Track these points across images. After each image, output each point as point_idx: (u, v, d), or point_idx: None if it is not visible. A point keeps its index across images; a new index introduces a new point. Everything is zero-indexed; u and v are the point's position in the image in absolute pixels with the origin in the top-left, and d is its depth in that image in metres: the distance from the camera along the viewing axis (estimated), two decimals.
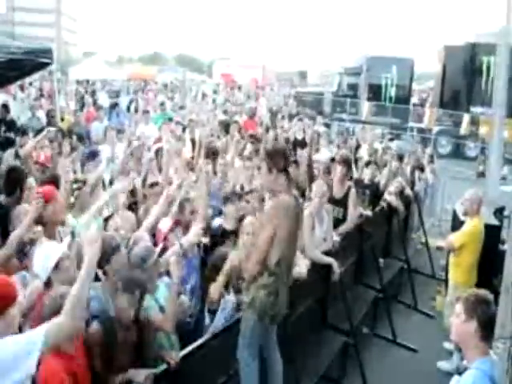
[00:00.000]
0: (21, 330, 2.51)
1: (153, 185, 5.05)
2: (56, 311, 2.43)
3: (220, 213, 4.88)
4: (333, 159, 6.87)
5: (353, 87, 21.16)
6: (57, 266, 2.98)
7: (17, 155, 6.16)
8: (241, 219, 4.42)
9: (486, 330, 2.54)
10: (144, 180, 5.50)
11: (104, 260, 3.24)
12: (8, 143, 7.72)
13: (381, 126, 17.33)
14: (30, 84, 17.27)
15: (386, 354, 5.54)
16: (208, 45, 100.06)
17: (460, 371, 2.61)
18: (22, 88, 15.71)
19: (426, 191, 9.29)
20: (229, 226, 4.66)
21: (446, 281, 6.04)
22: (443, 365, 5.21)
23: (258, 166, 5.54)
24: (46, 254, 3.03)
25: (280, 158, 3.41)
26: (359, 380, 4.80)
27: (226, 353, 3.40)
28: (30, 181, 4.67)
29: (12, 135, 8.45)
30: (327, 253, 4.85)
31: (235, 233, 4.46)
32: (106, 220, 4.18)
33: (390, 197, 7.03)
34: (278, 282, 3.35)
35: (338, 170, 5.72)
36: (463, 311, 2.56)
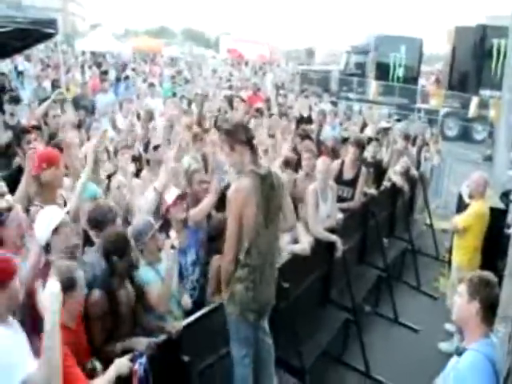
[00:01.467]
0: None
1: (156, 147, 5.05)
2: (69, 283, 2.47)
3: None
4: (344, 140, 6.83)
5: (360, 66, 20.81)
6: (56, 231, 2.97)
7: (7, 125, 6.09)
8: None
9: (488, 311, 2.51)
10: (147, 144, 5.47)
11: (99, 227, 3.35)
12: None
13: (388, 106, 17.16)
14: (41, 60, 17.02)
15: (388, 332, 5.57)
16: (215, 20, 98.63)
17: (459, 352, 2.57)
18: (28, 58, 15.58)
19: (431, 172, 9.22)
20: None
21: (449, 263, 6.04)
22: (444, 346, 5.23)
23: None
24: (47, 219, 3.00)
25: (241, 132, 3.19)
26: (360, 357, 4.83)
27: (226, 324, 3.37)
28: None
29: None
30: (331, 230, 4.85)
31: None
32: (109, 177, 4.19)
33: (395, 177, 6.99)
34: (255, 273, 3.13)
35: (351, 151, 5.69)
36: (466, 292, 2.54)
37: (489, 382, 2.41)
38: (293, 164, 5.50)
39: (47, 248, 2.94)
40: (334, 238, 4.81)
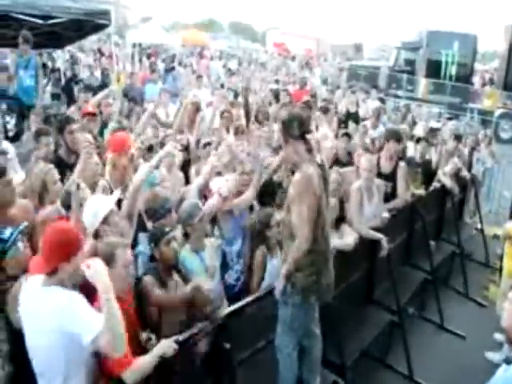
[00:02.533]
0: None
1: (205, 145, 5.08)
2: (107, 259, 2.55)
3: None
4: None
5: (410, 63, 20.22)
6: (105, 221, 3.03)
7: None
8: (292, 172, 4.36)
9: None
10: (198, 141, 5.54)
11: (155, 217, 3.41)
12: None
13: (438, 105, 16.59)
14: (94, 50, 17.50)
15: (433, 337, 5.38)
16: (262, 14, 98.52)
17: (509, 361, 2.44)
18: (81, 49, 16.09)
19: (484, 175, 8.85)
20: (277, 177, 4.60)
21: (500, 270, 5.77)
22: (492, 355, 4.99)
23: None
24: (95, 207, 3.08)
25: (295, 125, 3.16)
26: (403, 360, 4.69)
27: (268, 316, 3.37)
28: (87, 137, 4.75)
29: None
30: (376, 229, 4.73)
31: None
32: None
33: (444, 177, 6.75)
34: (319, 258, 3.17)
35: (389, 145, 5.52)
36: None
37: None
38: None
39: (96, 236, 3.01)
40: (379, 235, 4.68)
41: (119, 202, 3.42)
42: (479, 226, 8.01)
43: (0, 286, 2.83)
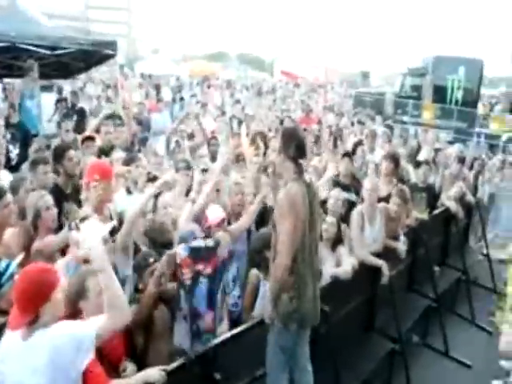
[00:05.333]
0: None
1: (202, 171, 5.06)
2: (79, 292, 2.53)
3: None
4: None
5: (416, 88, 20.33)
6: None
7: (75, 140, 6.34)
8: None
9: None
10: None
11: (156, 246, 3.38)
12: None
13: (445, 130, 16.58)
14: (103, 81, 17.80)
15: (436, 366, 5.22)
16: (270, 44, 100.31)
17: None
18: (91, 80, 16.43)
19: (493, 200, 8.72)
20: (271, 202, 4.56)
21: (505, 295, 5.63)
22: None
23: None
24: (86, 233, 3.04)
25: (291, 146, 3.15)
26: None
27: (262, 345, 3.26)
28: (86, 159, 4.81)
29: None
30: (377, 255, 4.66)
31: None
32: (156, 197, 4.21)
33: (449, 201, 6.67)
34: (300, 280, 3.08)
35: (384, 166, 5.48)
36: None
37: None
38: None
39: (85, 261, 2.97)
40: (380, 262, 4.61)
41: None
42: (485, 250, 7.86)
43: None
